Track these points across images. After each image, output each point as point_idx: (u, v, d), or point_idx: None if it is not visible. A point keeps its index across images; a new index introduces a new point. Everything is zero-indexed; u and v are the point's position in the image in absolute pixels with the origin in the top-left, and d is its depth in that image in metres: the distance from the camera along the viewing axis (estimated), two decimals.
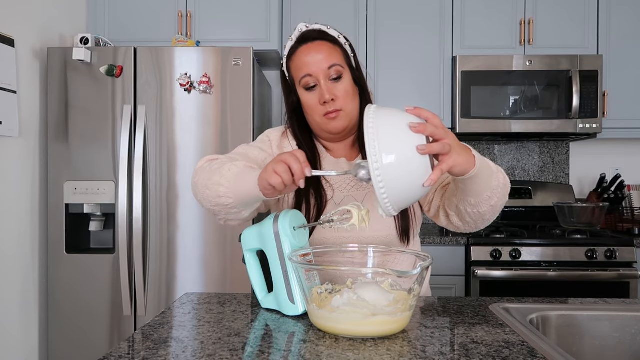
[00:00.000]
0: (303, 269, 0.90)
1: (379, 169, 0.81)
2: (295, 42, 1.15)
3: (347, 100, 1.13)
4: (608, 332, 1.02)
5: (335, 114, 1.12)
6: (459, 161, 0.87)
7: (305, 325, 0.92)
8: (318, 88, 1.12)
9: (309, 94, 1.13)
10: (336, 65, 1.12)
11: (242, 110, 2.15)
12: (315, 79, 1.11)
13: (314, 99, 1.13)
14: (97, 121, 2.16)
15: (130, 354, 0.77)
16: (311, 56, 1.12)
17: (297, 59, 1.14)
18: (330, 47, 1.13)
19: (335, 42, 1.15)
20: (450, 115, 2.66)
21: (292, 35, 1.16)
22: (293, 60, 1.15)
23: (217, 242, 2.15)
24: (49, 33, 2.29)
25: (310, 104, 1.14)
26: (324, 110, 1.12)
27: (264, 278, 1.06)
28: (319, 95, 1.12)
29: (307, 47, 1.13)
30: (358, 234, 1.12)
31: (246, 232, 1.05)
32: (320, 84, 1.11)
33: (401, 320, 0.85)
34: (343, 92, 1.12)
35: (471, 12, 2.66)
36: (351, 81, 1.15)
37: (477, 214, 1.02)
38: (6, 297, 2.04)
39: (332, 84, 1.12)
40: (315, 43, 1.13)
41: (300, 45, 1.14)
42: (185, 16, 2.56)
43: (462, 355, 0.77)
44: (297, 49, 1.14)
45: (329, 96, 1.10)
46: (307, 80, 1.12)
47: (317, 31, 1.15)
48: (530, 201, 2.83)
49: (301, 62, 1.13)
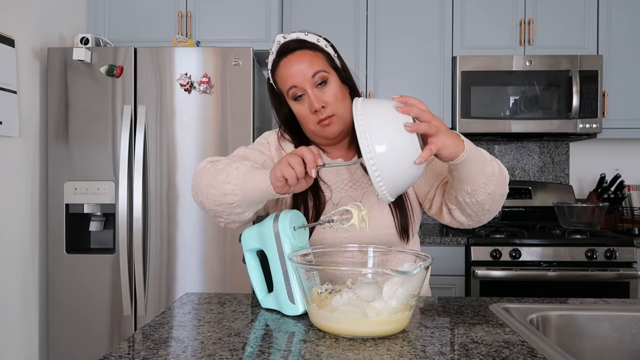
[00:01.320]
0: (303, 269, 0.90)
1: (373, 158, 0.84)
2: (276, 55, 1.14)
3: (337, 104, 1.12)
4: (608, 332, 1.02)
5: (328, 120, 1.11)
6: (447, 143, 0.90)
7: (305, 325, 0.92)
8: (306, 97, 1.11)
9: (299, 105, 1.13)
10: (320, 72, 1.10)
11: (242, 110, 2.15)
12: (302, 89, 1.11)
13: (305, 109, 1.12)
14: (97, 121, 2.16)
15: (130, 354, 0.77)
16: (293, 67, 1.11)
17: (281, 72, 1.13)
18: (310, 54, 1.12)
19: (316, 48, 1.14)
20: (450, 115, 2.66)
21: (272, 49, 1.16)
22: (277, 74, 1.15)
23: (217, 242, 2.15)
24: (49, 33, 2.29)
25: (303, 114, 1.13)
26: (317, 118, 1.11)
27: (264, 278, 1.07)
28: (309, 104, 1.11)
29: (287, 59, 1.12)
30: (357, 233, 1.12)
31: (246, 232, 1.05)
32: (308, 93, 1.10)
33: (401, 320, 0.85)
34: (332, 97, 1.11)
35: (471, 12, 2.66)
36: (339, 83, 1.14)
37: (476, 203, 1.02)
38: (6, 297, 2.04)
39: (320, 91, 1.11)
40: (295, 54, 1.12)
41: (281, 59, 1.13)
42: (185, 16, 2.56)
43: (462, 355, 0.77)
44: (279, 63, 1.14)
45: (318, 104, 1.09)
46: (294, 91, 1.11)
47: (295, 40, 1.14)
48: (530, 201, 2.83)
49: (285, 75, 1.12)
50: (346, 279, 0.97)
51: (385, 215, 1.15)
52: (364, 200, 1.16)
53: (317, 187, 1.17)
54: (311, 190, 1.15)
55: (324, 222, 0.99)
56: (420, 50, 2.66)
